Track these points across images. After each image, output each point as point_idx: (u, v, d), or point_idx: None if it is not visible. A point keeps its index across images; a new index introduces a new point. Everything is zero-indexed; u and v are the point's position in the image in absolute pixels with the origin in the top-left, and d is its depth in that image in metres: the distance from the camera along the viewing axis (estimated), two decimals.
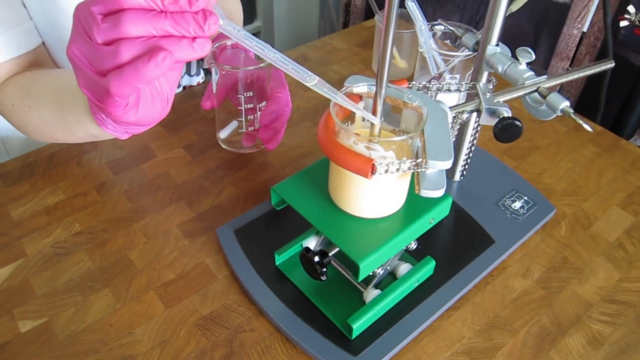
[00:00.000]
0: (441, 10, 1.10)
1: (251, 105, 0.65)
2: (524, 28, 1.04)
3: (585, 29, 1.02)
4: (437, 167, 0.42)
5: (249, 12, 1.57)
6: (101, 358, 0.54)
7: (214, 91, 0.69)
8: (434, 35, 0.81)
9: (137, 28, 0.38)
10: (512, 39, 1.05)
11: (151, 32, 0.38)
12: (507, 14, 0.70)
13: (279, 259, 0.60)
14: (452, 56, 0.78)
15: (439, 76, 0.82)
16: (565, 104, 0.51)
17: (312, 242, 0.56)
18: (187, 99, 0.86)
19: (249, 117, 0.66)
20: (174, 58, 0.39)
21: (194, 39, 0.39)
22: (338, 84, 0.90)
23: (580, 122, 0.50)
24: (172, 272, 0.61)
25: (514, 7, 0.72)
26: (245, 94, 0.64)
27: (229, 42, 0.69)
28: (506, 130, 0.48)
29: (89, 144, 0.77)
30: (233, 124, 0.69)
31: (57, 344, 0.55)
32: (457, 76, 0.81)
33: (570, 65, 1.05)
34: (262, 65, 0.65)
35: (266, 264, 0.60)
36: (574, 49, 1.04)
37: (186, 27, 0.39)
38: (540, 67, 1.05)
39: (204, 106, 0.71)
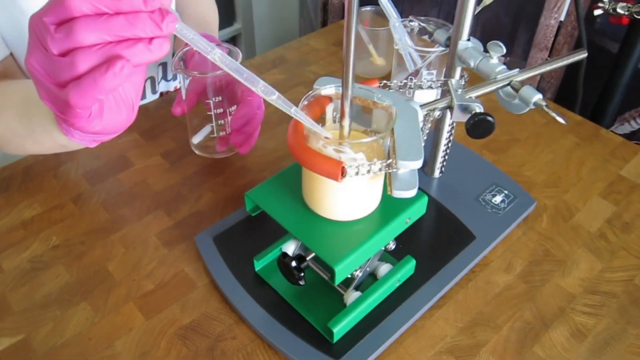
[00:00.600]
0: (419, 5, 1.10)
1: (221, 110, 0.64)
2: (502, 20, 1.04)
3: (562, 19, 1.02)
4: (407, 167, 0.41)
5: (228, 14, 1.56)
6: None
7: (184, 97, 0.68)
8: (410, 31, 0.81)
9: (90, 36, 0.37)
10: (490, 31, 1.05)
11: (105, 39, 0.37)
12: (482, 7, 0.69)
13: (258, 265, 0.59)
14: (428, 52, 0.78)
15: (416, 72, 0.81)
16: (537, 97, 0.51)
17: (291, 247, 0.56)
18: (163, 105, 0.85)
19: (219, 121, 0.65)
20: (132, 65, 0.38)
21: (150, 40, 0.38)
22: None
23: (554, 114, 0.49)
24: (151, 282, 0.61)
25: (487, 0, 0.72)
26: (214, 98, 0.63)
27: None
28: (478, 126, 0.48)
29: (64, 155, 0.76)
30: (206, 129, 0.68)
31: None
32: (434, 72, 0.80)
33: (549, 55, 1.05)
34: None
35: (246, 270, 0.59)
36: (552, 39, 1.04)
37: (142, 27, 0.38)
38: (519, 58, 1.05)
39: (174, 112, 0.70)
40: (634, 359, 0.54)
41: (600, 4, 0.76)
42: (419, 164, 0.42)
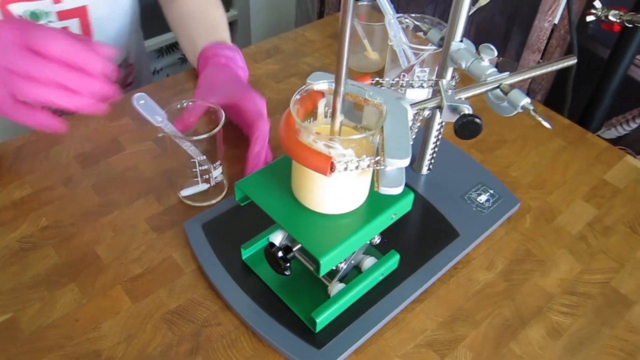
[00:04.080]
0: (415, 1, 1.10)
1: (205, 167, 0.65)
2: (496, 21, 1.05)
3: (556, 21, 1.03)
4: (395, 165, 0.43)
5: (225, 1, 1.55)
6: (67, 353, 0.54)
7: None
8: (405, 27, 0.82)
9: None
10: (484, 31, 1.06)
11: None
12: (477, 7, 0.70)
13: (245, 254, 0.60)
14: (422, 50, 0.79)
15: (410, 69, 0.82)
16: (525, 100, 0.52)
17: (278, 237, 0.57)
18: (157, 91, 0.85)
19: (204, 176, 0.66)
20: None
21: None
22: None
23: (540, 119, 0.50)
24: (139, 267, 0.62)
25: (483, 1, 0.72)
26: (198, 158, 0.64)
27: (185, 103, 0.67)
28: (466, 128, 0.49)
29: (56, 137, 0.76)
30: (196, 187, 0.67)
31: (22, 339, 0.55)
32: (427, 69, 0.81)
33: (541, 58, 1.07)
34: (211, 133, 0.62)
35: (233, 258, 0.60)
36: (545, 41, 1.05)
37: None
38: (512, 59, 1.06)
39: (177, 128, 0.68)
40: (607, 358, 0.56)
41: (593, 11, 0.77)
42: (406, 162, 0.43)
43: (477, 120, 0.49)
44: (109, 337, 0.55)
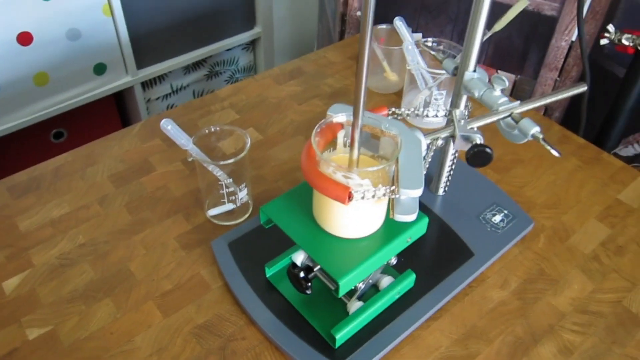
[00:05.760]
0: (433, 21, 1.13)
1: (232, 189, 0.69)
2: (514, 40, 1.07)
3: (573, 39, 1.05)
4: (408, 194, 0.46)
5: (249, 18, 1.60)
6: None
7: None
8: (422, 51, 0.85)
9: None
10: (501, 50, 1.08)
11: None
12: (491, 33, 0.73)
13: (269, 272, 0.63)
14: (439, 74, 0.82)
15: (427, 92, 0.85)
16: (535, 129, 0.55)
17: (300, 256, 0.60)
18: (186, 112, 0.90)
19: (230, 197, 0.70)
20: None
21: None
22: (331, 97, 0.94)
23: (548, 147, 0.53)
24: (169, 283, 0.65)
25: (498, 27, 0.75)
26: (225, 180, 0.68)
27: (212, 129, 0.70)
28: (477, 157, 0.51)
29: (91, 158, 0.81)
30: (222, 207, 0.71)
31: (62, 351, 0.59)
32: (444, 92, 0.84)
33: (559, 76, 1.08)
34: (237, 158, 0.65)
35: (257, 276, 0.64)
36: (562, 60, 1.07)
37: None
38: (529, 77, 1.08)
39: None
40: None
41: (606, 34, 0.79)
42: (419, 192, 0.46)
43: (488, 150, 0.51)
44: (141, 350, 0.59)
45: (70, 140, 1.47)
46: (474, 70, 0.61)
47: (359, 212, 0.50)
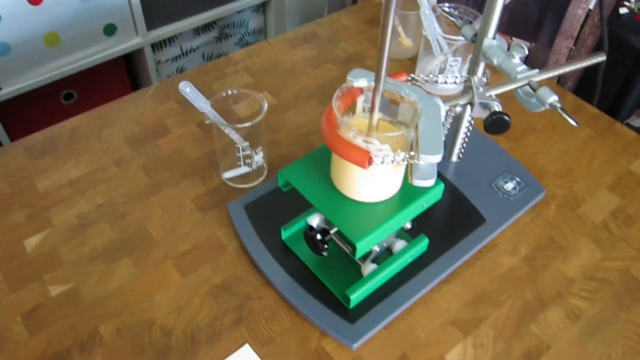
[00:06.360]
0: None
1: (248, 152, 0.69)
2: (530, 8, 1.06)
3: (591, 7, 1.03)
4: (428, 160, 0.46)
5: None
6: (124, 320, 0.60)
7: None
8: (438, 16, 0.84)
9: None
10: (517, 18, 1.07)
11: None
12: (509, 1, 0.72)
13: (285, 234, 0.65)
14: (455, 40, 0.81)
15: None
16: (553, 98, 0.55)
17: (315, 219, 0.61)
18: (200, 75, 0.90)
19: (246, 160, 0.70)
20: None
21: None
22: (346, 62, 0.93)
23: (566, 116, 0.53)
24: (186, 244, 0.67)
25: None
26: (242, 144, 0.68)
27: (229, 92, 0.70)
28: (495, 124, 0.52)
29: (106, 119, 0.81)
30: (238, 170, 0.71)
31: (84, 307, 0.61)
32: (459, 59, 0.84)
33: (574, 44, 1.07)
34: (254, 122, 0.66)
35: (273, 238, 0.65)
36: (579, 28, 1.06)
37: None
38: (545, 45, 1.07)
39: None
40: (622, 341, 0.60)
41: (626, 3, 0.78)
42: (438, 158, 0.46)
43: (506, 117, 0.52)
44: (161, 308, 0.61)
45: (80, 102, 1.47)
46: (494, 38, 0.61)
47: (377, 176, 0.51)
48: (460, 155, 0.74)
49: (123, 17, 1.35)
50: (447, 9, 0.81)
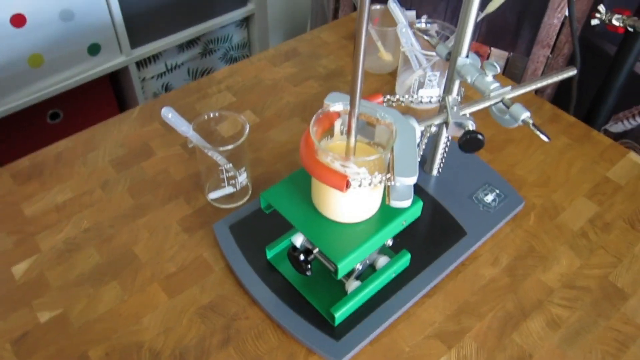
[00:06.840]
0: (427, 0, 1.14)
1: (232, 174, 0.70)
2: (507, 17, 1.08)
3: (566, 14, 1.06)
4: (403, 182, 0.48)
5: None
6: (113, 344, 0.61)
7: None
8: (415, 32, 0.86)
9: None
10: (495, 27, 1.09)
11: None
12: (485, 14, 0.74)
13: (270, 253, 0.66)
14: (433, 56, 0.83)
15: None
16: (525, 114, 0.56)
17: (299, 239, 0.62)
18: (183, 96, 0.91)
19: (230, 181, 0.71)
20: None
21: None
22: (326, 78, 0.95)
23: (538, 132, 0.55)
24: (173, 265, 0.68)
25: (490, 8, 0.76)
26: (225, 165, 0.69)
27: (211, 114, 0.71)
28: (469, 143, 0.53)
29: (92, 143, 0.82)
30: (223, 190, 0.72)
31: (72, 332, 0.62)
32: (438, 73, 0.86)
33: (551, 53, 1.10)
34: (237, 144, 0.66)
35: (258, 258, 0.66)
36: (555, 37, 1.08)
37: None
38: (522, 54, 1.09)
39: None
40: (601, 347, 0.61)
41: (597, 15, 0.80)
42: (413, 180, 0.48)
43: (480, 136, 0.53)
44: (149, 330, 0.62)
45: (67, 121, 1.48)
46: (467, 56, 0.62)
47: (356, 198, 0.52)
48: (440, 170, 0.75)
49: (107, 36, 1.36)
50: (424, 25, 0.82)
